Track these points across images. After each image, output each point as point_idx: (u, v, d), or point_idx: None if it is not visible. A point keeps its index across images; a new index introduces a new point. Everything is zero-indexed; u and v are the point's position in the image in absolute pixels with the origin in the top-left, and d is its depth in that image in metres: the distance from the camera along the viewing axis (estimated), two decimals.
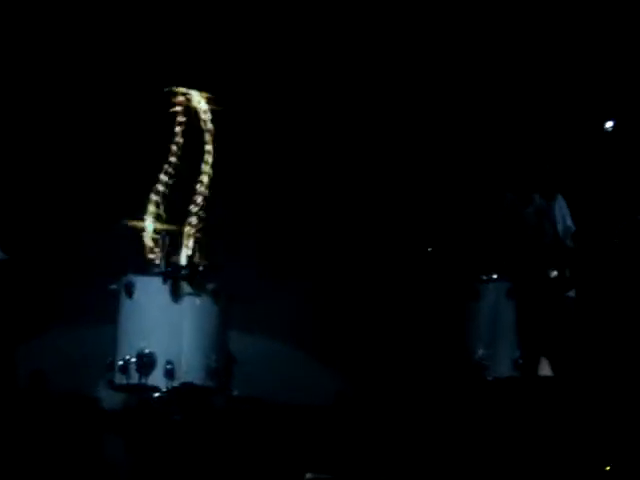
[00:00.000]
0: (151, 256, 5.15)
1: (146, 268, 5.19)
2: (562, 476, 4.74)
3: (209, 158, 5.39)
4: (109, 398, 5.82)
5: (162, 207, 5.29)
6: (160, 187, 5.29)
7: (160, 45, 6.32)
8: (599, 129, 5.71)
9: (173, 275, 5.08)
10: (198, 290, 5.11)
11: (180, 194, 5.44)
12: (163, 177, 5.31)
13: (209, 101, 5.49)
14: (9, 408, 5.18)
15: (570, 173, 5.49)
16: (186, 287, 5.11)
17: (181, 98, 5.44)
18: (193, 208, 5.31)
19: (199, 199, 5.33)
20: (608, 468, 4.68)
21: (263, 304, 6.04)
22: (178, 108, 5.41)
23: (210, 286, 5.15)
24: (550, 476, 4.74)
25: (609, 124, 5.72)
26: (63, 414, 5.79)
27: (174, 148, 5.36)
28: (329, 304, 6.38)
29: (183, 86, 5.49)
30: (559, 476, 4.74)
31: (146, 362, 5.04)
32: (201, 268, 5.16)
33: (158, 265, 5.13)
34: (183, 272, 5.10)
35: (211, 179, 5.40)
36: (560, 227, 5.44)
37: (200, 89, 5.53)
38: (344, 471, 4.77)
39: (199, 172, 5.40)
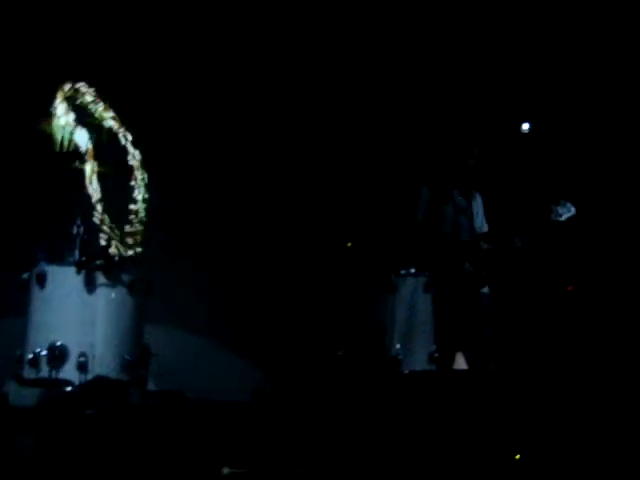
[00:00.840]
0: None
1: (59, 257, 5.02)
2: (476, 469, 4.80)
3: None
4: (18, 394, 5.62)
5: None
6: None
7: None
8: (517, 130, 5.85)
9: (87, 265, 4.92)
10: (113, 281, 4.97)
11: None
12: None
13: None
14: None
15: (489, 172, 5.57)
16: (101, 278, 4.97)
17: None
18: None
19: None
20: (518, 457, 4.76)
21: (181, 296, 5.95)
22: None
23: (126, 277, 5.02)
24: (465, 469, 4.79)
25: (526, 126, 5.85)
26: None
27: None
28: (247, 298, 6.33)
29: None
30: (474, 469, 4.80)
31: (58, 355, 4.88)
32: (116, 258, 5.02)
33: (72, 254, 4.97)
34: (98, 262, 4.95)
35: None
36: (476, 224, 5.51)
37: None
38: (260, 466, 4.72)
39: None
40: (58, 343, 4.88)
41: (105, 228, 5.19)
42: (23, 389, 5.33)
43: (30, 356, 4.92)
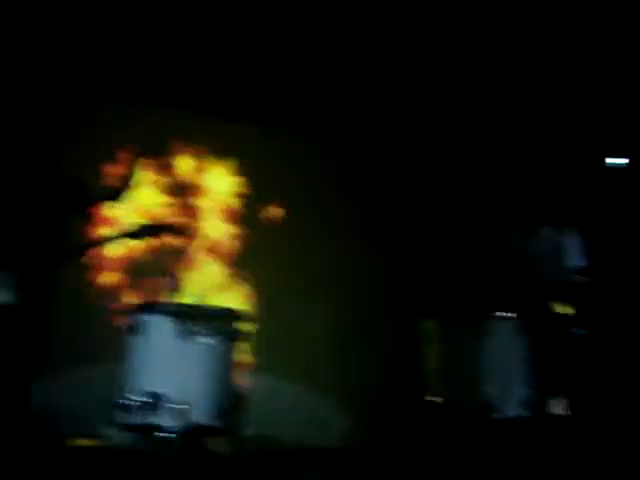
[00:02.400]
0: None
1: (154, 306, 5.17)
2: None
3: None
4: (116, 438, 5.78)
5: None
6: None
7: None
8: (607, 164, 5.72)
9: (182, 314, 5.05)
10: (207, 329, 5.08)
11: None
12: None
13: None
14: (18, 448, 5.14)
15: (581, 207, 5.48)
16: (195, 326, 5.08)
17: None
18: None
19: None
20: None
21: (274, 342, 6.02)
22: None
23: (218, 325, 5.12)
24: None
25: (618, 160, 5.72)
26: (70, 454, 5.75)
27: None
28: (341, 342, 6.36)
29: None
30: None
31: (155, 401, 4.99)
32: (209, 308, 5.13)
33: (167, 304, 5.11)
34: (192, 311, 5.08)
35: None
36: (568, 262, 5.41)
37: None
38: None
39: None
40: (154, 390, 4.99)
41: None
42: (122, 434, 5.50)
43: (128, 402, 5.04)
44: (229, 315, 5.26)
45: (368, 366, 6.31)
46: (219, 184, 7.03)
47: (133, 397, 5.07)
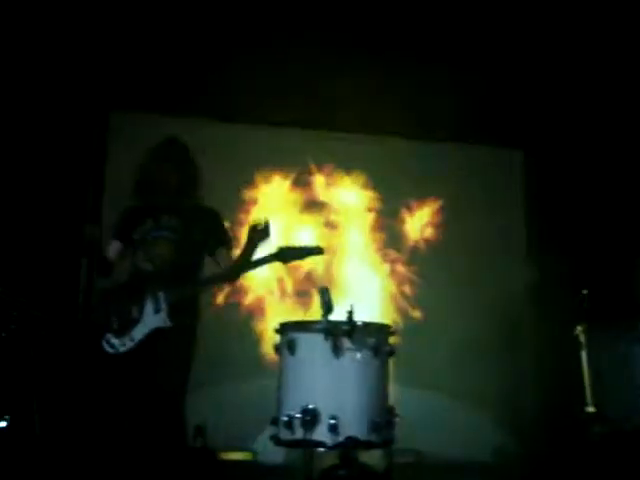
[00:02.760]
0: None
1: (307, 325, 5.30)
2: None
3: None
4: (268, 452, 5.93)
5: None
6: None
7: None
8: None
9: (334, 331, 5.16)
10: (359, 345, 5.18)
11: None
12: None
13: None
14: (176, 464, 5.34)
15: None
16: (347, 342, 5.19)
17: None
18: None
19: None
20: None
21: (423, 357, 6.07)
22: None
23: (371, 341, 5.21)
24: None
25: None
26: (225, 470, 5.94)
27: None
28: (487, 354, 6.34)
29: None
30: None
31: (310, 417, 5.11)
32: (360, 323, 5.22)
33: (319, 322, 5.23)
34: (344, 328, 5.18)
35: None
36: None
37: None
38: None
39: None
40: (310, 406, 5.11)
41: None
42: (274, 448, 5.65)
43: (285, 418, 5.18)
44: (380, 330, 5.34)
45: (518, 376, 6.26)
46: (354, 199, 7.14)
47: (289, 413, 5.21)
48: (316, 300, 5.34)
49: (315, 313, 5.81)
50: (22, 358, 5.93)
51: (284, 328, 5.36)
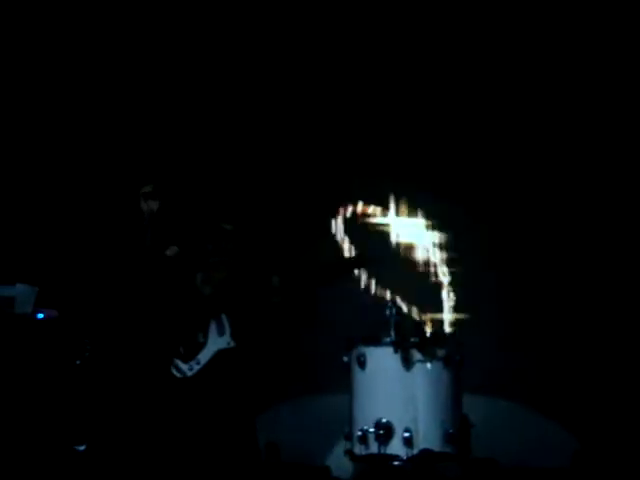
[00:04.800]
0: None
1: (376, 339, 5.31)
2: None
3: None
4: (340, 467, 5.94)
5: None
6: None
7: None
8: None
9: (403, 344, 5.17)
10: (429, 357, 5.17)
11: None
12: None
13: None
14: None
15: None
16: (417, 354, 5.19)
17: None
18: None
19: None
20: None
21: (494, 365, 6.01)
22: None
23: (441, 352, 5.20)
24: None
25: None
26: None
27: None
28: (562, 361, 6.26)
29: None
30: None
31: (384, 431, 5.12)
32: (429, 335, 5.22)
33: (387, 335, 5.24)
34: (412, 340, 5.19)
35: None
36: None
37: None
38: None
39: None
40: (383, 420, 5.13)
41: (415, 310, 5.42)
42: (346, 463, 5.66)
43: (359, 433, 5.20)
44: (449, 340, 5.33)
45: (591, 378, 6.17)
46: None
47: (362, 427, 5.23)
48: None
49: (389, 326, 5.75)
50: (96, 384, 6.05)
51: (352, 343, 5.37)
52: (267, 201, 6.65)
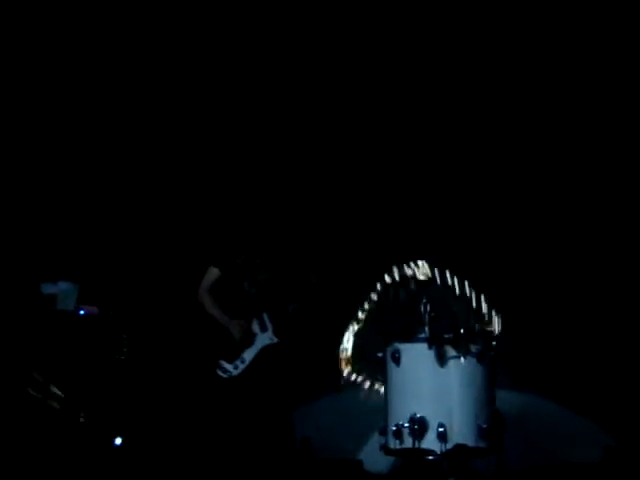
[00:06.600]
0: None
1: (410, 335, 5.39)
2: None
3: None
4: (374, 461, 6.02)
5: None
6: None
7: None
8: None
9: (438, 340, 5.24)
10: (463, 353, 5.24)
11: None
12: None
13: None
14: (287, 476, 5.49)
15: None
16: (451, 351, 5.26)
17: None
18: None
19: None
20: None
21: (527, 361, 6.07)
22: None
23: (474, 348, 5.26)
24: None
25: None
26: None
27: None
28: (595, 359, 6.30)
29: None
30: None
31: (419, 426, 5.19)
32: (463, 331, 5.29)
33: (422, 331, 5.31)
34: (447, 336, 5.25)
35: None
36: None
37: None
38: None
39: None
40: (418, 415, 5.20)
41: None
42: (379, 457, 5.74)
43: (394, 428, 5.27)
44: (483, 336, 5.39)
45: (625, 374, 6.20)
46: None
47: (397, 422, 5.30)
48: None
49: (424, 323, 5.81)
50: (136, 379, 6.18)
51: (387, 339, 5.45)
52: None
